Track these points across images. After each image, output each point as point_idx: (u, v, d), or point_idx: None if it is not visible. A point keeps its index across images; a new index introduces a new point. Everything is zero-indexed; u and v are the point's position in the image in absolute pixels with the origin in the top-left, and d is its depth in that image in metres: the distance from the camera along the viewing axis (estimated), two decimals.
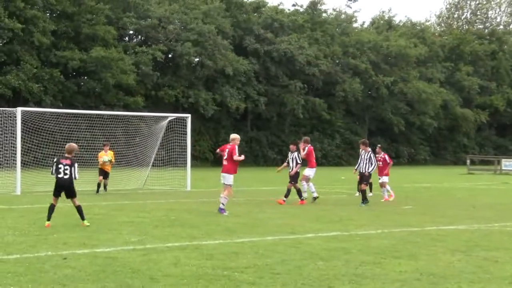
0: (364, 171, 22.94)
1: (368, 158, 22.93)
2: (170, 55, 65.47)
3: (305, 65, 71.19)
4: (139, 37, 67.04)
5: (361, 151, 23.36)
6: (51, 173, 15.75)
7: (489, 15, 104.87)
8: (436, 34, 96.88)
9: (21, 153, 26.91)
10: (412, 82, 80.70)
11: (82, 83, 58.07)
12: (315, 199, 23.37)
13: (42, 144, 29.82)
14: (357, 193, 26.11)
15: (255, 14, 73.72)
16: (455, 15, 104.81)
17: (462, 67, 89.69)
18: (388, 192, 25.55)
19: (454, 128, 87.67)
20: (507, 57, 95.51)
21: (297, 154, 23.11)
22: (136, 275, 9.91)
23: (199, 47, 62.93)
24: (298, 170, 22.92)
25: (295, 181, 22.88)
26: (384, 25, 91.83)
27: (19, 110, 26.90)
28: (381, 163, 25.69)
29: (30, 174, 28.16)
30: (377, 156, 25.26)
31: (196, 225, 16.05)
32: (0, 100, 50.78)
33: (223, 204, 18.65)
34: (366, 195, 23.18)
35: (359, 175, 23.60)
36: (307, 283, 9.62)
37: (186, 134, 31.15)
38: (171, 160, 32.92)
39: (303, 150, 23.39)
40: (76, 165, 15.63)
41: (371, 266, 10.94)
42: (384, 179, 25.31)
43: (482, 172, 56.88)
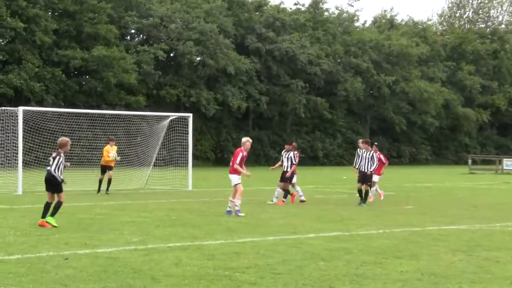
0: (366, 170, 22.89)
1: (370, 157, 22.91)
2: (172, 54, 65.45)
3: (307, 64, 71.16)
4: (141, 36, 67.05)
5: (362, 150, 23.33)
6: None
7: (491, 14, 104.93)
8: (438, 33, 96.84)
9: (23, 153, 26.94)
10: (414, 82, 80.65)
11: (84, 82, 58.08)
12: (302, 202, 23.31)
13: (44, 144, 29.79)
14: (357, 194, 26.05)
15: (257, 13, 73.70)
16: (457, 14, 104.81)
17: (464, 66, 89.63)
18: (376, 192, 25.44)
19: (456, 128, 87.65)
20: (509, 56, 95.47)
21: (293, 154, 23.15)
22: (138, 275, 9.92)
23: (201, 46, 62.93)
24: (293, 171, 23.01)
25: (290, 181, 23.00)
26: (386, 24, 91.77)
27: (21, 110, 26.93)
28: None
29: (32, 174, 28.11)
30: None
31: (198, 225, 16.06)
32: (2, 99, 50.80)
33: (238, 206, 18.60)
34: (367, 196, 23.12)
35: (360, 174, 23.38)
36: (308, 283, 9.62)
37: (188, 134, 31.14)
38: (173, 160, 32.90)
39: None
40: (60, 159, 15.30)
41: (372, 266, 10.94)
42: (375, 179, 25.15)
43: (484, 172, 56.87)
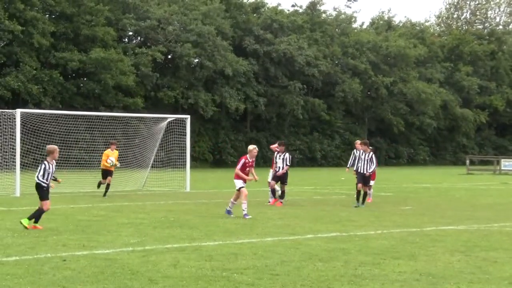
0: (365, 172, 22.84)
1: (370, 159, 22.86)
2: (170, 56, 65.49)
3: (305, 66, 71.17)
4: (139, 38, 67.08)
5: (360, 151, 23.31)
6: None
7: (489, 15, 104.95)
8: (436, 35, 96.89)
9: (21, 155, 26.92)
10: (412, 83, 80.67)
11: (82, 84, 58.09)
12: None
13: (42, 146, 29.71)
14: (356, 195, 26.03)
15: (255, 15, 73.70)
16: (455, 15, 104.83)
17: (462, 67, 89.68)
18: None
19: (454, 128, 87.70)
20: (507, 57, 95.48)
21: (288, 156, 23.32)
22: (135, 277, 9.91)
23: (199, 48, 62.93)
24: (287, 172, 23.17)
25: (285, 182, 23.17)
26: (384, 26, 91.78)
27: (19, 112, 26.90)
28: None
29: (30, 176, 27.95)
30: None
31: (196, 226, 16.06)
32: (0, 102, 50.79)
33: (245, 210, 18.49)
34: (365, 198, 23.09)
35: (359, 176, 23.18)
36: (306, 284, 9.62)
37: (186, 135, 31.15)
38: (171, 161, 32.90)
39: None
40: (44, 166, 15.22)
41: (370, 267, 10.94)
42: (371, 183, 24.98)
43: (482, 172, 56.88)
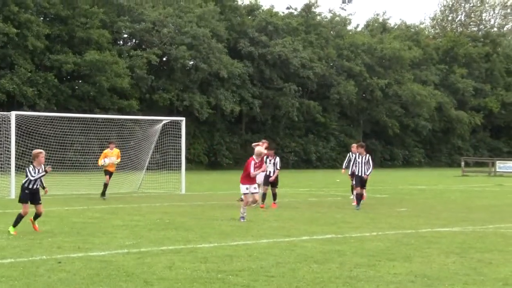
0: (362, 174, 22.82)
1: (366, 162, 22.83)
2: (165, 59, 65.49)
3: (300, 68, 71.22)
4: (134, 41, 67.05)
5: (356, 154, 23.30)
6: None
7: (483, 18, 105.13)
8: (431, 37, 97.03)
9: (16, 157, 26.88)
10: (407, 85, 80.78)
11: (77, 87, 58.02)
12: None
13: (36, 148, 29.69)
14: (352, 196, 26.05)
15: (250, 17, 73.75)
16: (449, 18, 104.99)
17: (457, 70, 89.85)
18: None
19: (449, 130, 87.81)
20: (501, 59, 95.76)
21: (279, 160, 23.43)
22: (131, 279, 9.90)
23: (194, 51, 62.93)
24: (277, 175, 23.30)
25: (276, 186, 23.23)
26: (379, 28, 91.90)
27: (13, 114, 26.89)
28: None
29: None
30: None
31: (191, 228, 16.05)
32: None
33: (242, 214, 18.32)
34: (360, 200, 23.11)
35: (357, 178, 23.14)
36: (302, 286, 9.62)
37: (181, 137, 31.15)
38: (166, 164, 32.89)
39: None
40: (26, 169, 15.59)
41: (366, 269, 10.95)
42: None
43: (477, 174, 56.95)
